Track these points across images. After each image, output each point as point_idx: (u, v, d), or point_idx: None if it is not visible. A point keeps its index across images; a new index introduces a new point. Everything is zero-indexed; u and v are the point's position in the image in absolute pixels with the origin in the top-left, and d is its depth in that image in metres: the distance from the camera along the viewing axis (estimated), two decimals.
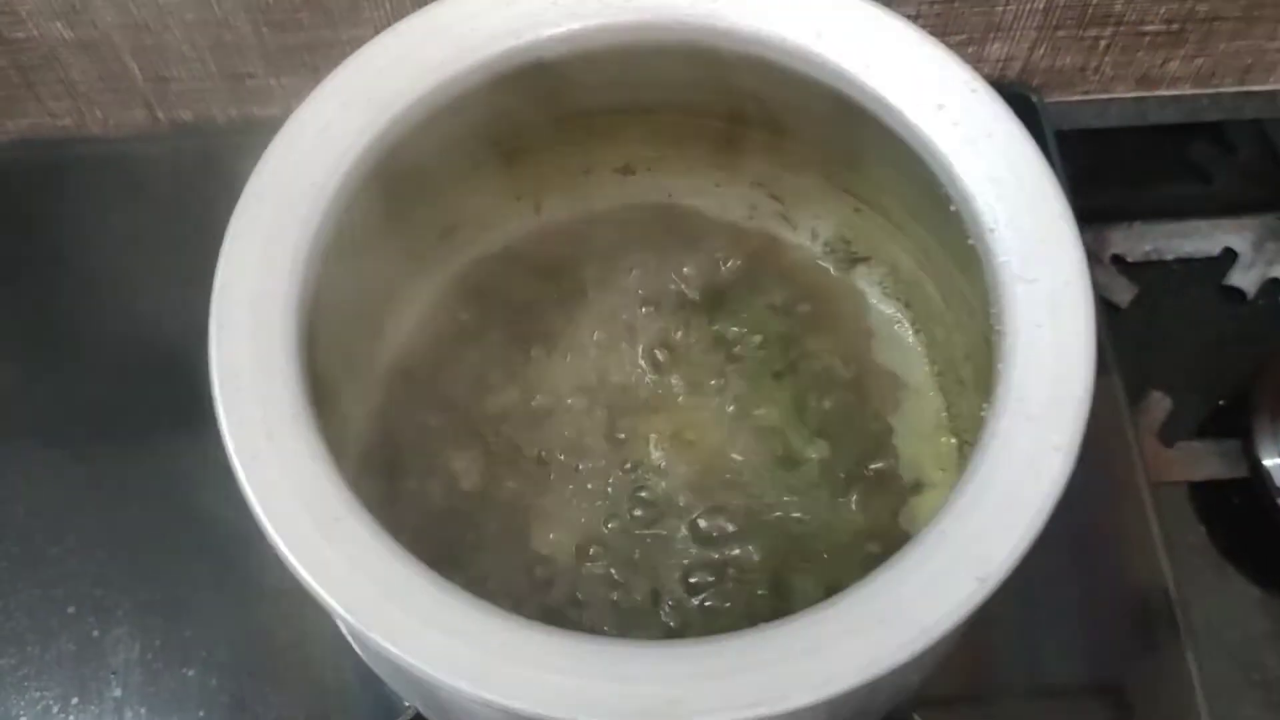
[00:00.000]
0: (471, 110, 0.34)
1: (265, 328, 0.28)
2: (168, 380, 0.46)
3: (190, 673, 0.43)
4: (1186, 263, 0.54)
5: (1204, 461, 0.47)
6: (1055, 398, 0.27)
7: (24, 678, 0.43)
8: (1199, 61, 0.52)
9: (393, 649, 0.24)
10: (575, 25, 0.33)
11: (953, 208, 0.31)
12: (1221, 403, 0.50)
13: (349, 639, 0.34)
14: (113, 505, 0.46)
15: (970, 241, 0.31)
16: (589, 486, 0.37)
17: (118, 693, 0.42)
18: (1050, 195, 0.30)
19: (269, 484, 0.27)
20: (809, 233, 0.41)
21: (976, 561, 0.25)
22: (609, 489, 0.37)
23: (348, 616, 0.25)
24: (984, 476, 0.27)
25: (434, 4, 0.33)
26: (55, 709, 0.42)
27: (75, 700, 0.42)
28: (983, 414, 0.28)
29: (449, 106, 0.33)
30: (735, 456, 0.37)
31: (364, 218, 0.33)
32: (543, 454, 0.38)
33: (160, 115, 0.53)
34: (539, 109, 0.37)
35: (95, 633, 0.43)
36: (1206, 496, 0.48)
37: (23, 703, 0.42)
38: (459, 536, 0.36)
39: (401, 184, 0.34)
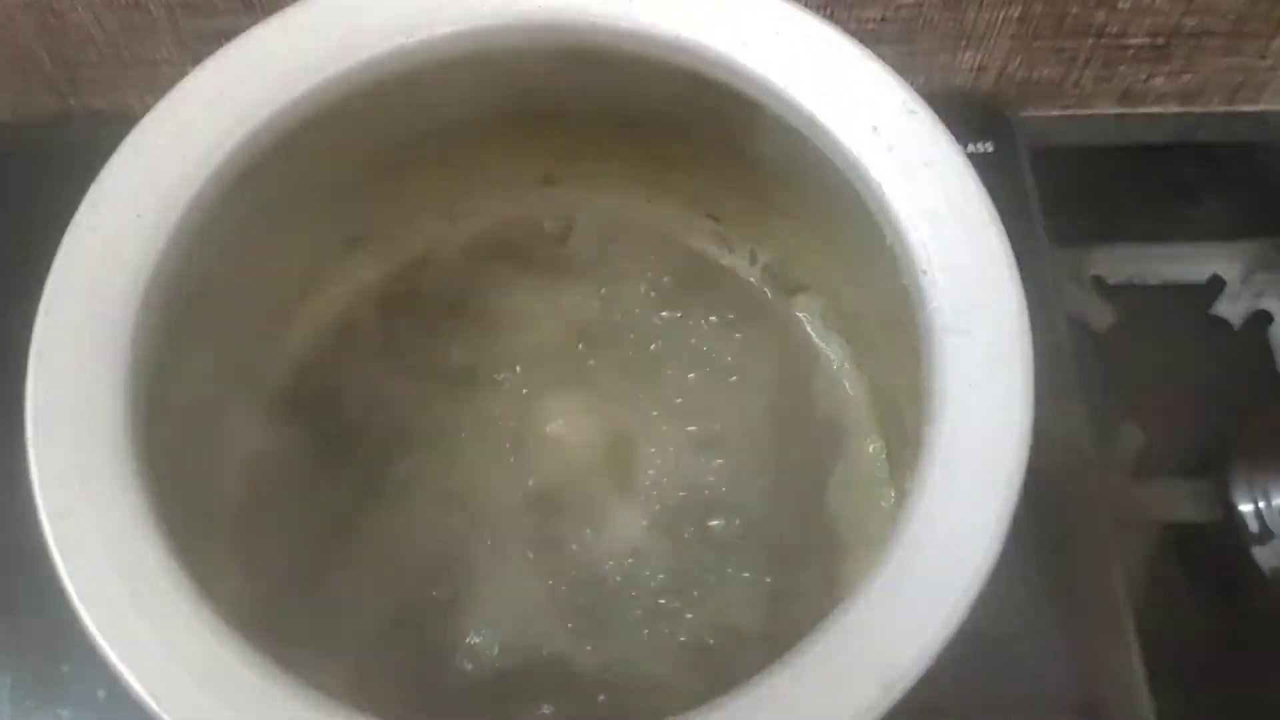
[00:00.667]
0: (360, 114, 0.31)
1: (92, 362, 0.25)
2: None
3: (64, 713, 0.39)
4: (1170, 288, 0.50)
5: (1176, 502, 0.44)
6: (984, 473, 0.24)
7: None
8: (1186, 78, 0.49)
9: None
10: (479, 23, 0.30)
11: (887, 240, 0.28)
12: (1199, 440, 0.46)
13: None
14: None
15: (904, 281, 0.27)
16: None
17: None
18: (991, 235, 0.26)
19: (81, 546, 0.23)
20: (747, 255, 0.38)
21: (881, 665, 0.22)
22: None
23: (153, 706, 0.22)
24: (900, 562, 0.23)
25: None
26: None
27: None
28: (906, 485, 0.25)
29: (332, 111, 0.30)
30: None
31: (243, 230, 0.29)
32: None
33: (72, 103, 0.49)
34: (443, 114, 0.33)
35: None
36: (1178, 536, 0.44)
37: None
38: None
39: (291, 193, 0.31)
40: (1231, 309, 0.49)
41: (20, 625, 0.40)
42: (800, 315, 0.37)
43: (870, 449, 0.35)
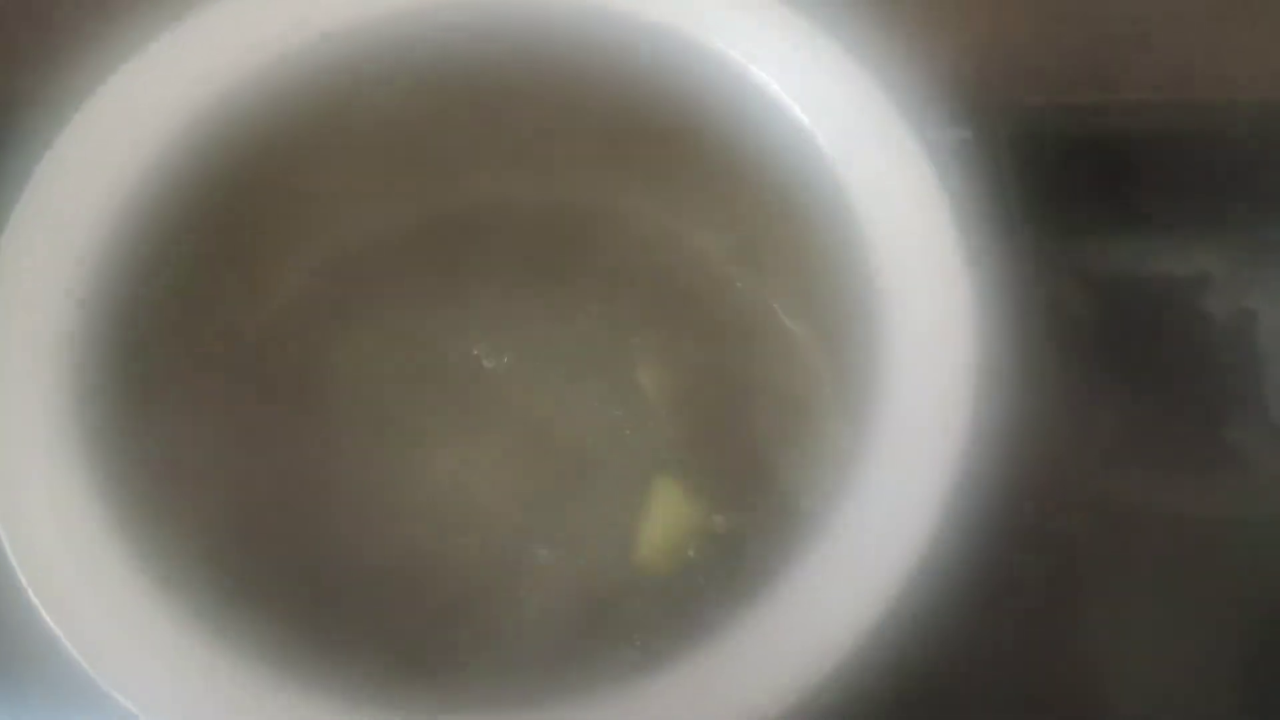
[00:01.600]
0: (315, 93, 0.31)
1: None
2: None
3: None
4: (1156, 282, 0.50)
5: (1153, 490, 0.45)
6: (926, 447, 0.24)
7: None
8: (1170, 67, 0.49)
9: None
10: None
11: (842, 219, 0.28)
12: (1184, 430, 0.47)
13: None
14: None
15: (852, 255, 0.27)
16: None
17: None
18: (940, 210, 0.26)
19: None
20: (711, 237, 0.38)
21: (815, 640, 0.22)
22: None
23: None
24: (835, 538, 0.23)
25: None
26: None
27: None
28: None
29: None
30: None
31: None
32: None
33: None
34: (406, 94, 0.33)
35: None
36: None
37: None
38: None
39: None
40: (1218, 305, 0.49)
41: None
42: (767, 298, 0.37)
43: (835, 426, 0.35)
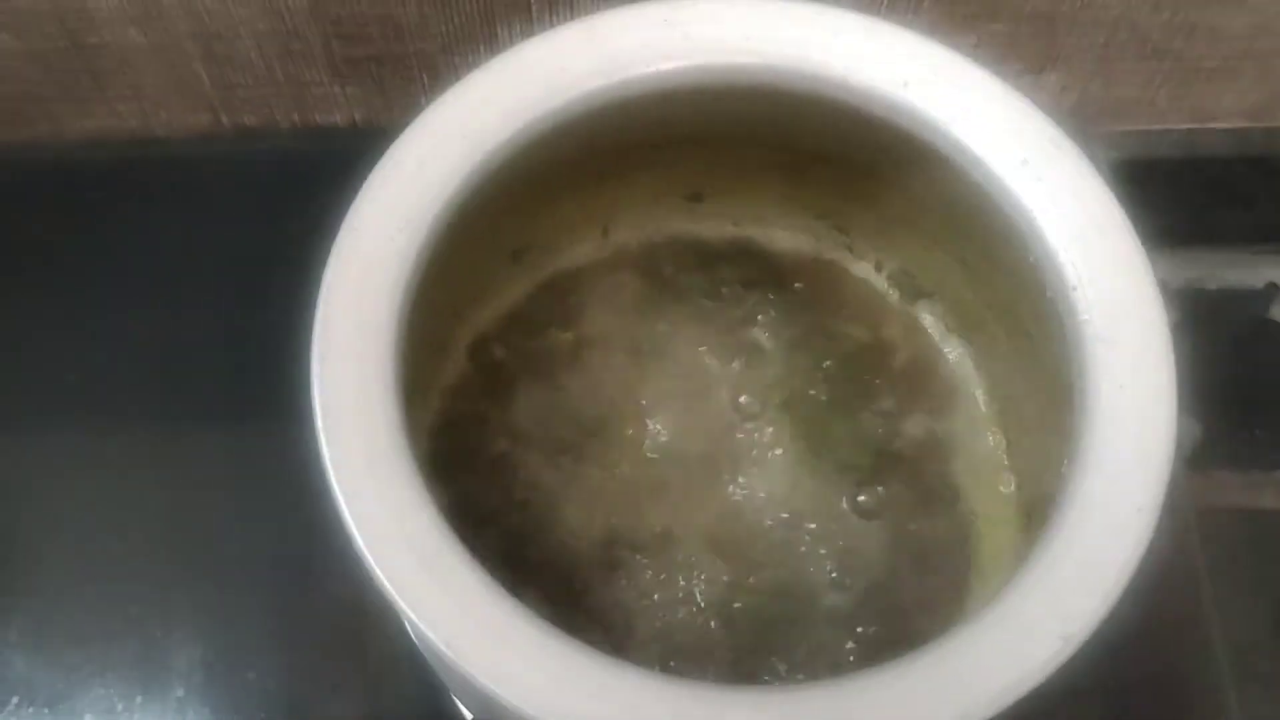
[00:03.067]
0: (555, 145, 0.35)
1: (366, 362, 0.29)
2: (232, 377, 0.47)
3: (251, 675, 0.44)
4: (1228, 293, 0.54)
5: (1231, 490, 0.49)
6: (1137, 459, 0.28)
7: (89, 674, 0.44)
8: (1254, 97, 0.53)
9: (497, 690, 0.25)
10: (665, 66, 0.34)
11: (1031, 259, 0.32)
12: (1257, 433, 0.51)
13: (426, 655, 0.35)
14: (177, 503, 0.46)
15: (1049, 295, 0.31)
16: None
17: (180, 693, 0.43)
18: (1133, 256, 0.30)
19: (372, 523, 0.27)
20: (874, 264, 0.42)
21: (1059, 619, 0.26)
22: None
23: (451, 654, 0.26)
24: (1066, 536, 0.27)
25: (523, 43, 0.34)
26: (120, 707, 0.43)
27: (139, 699, 0.43)
28: (1062, 470, 0.29)
29: (536, 142, 0.34)
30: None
31: (449, 247, 0.34)
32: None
33: (224, 119, 0.53)
34: (616, 140, 0.37)
35: (159, 633, 0.44)
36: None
37: (88, 699, 0.43)
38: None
39: (482, 215, 0.35)
40: None
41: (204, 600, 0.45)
42: (923, 319, 0.41)
43: (990, 440, 0.39)
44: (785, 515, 0.38)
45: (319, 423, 0.28)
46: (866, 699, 0.26)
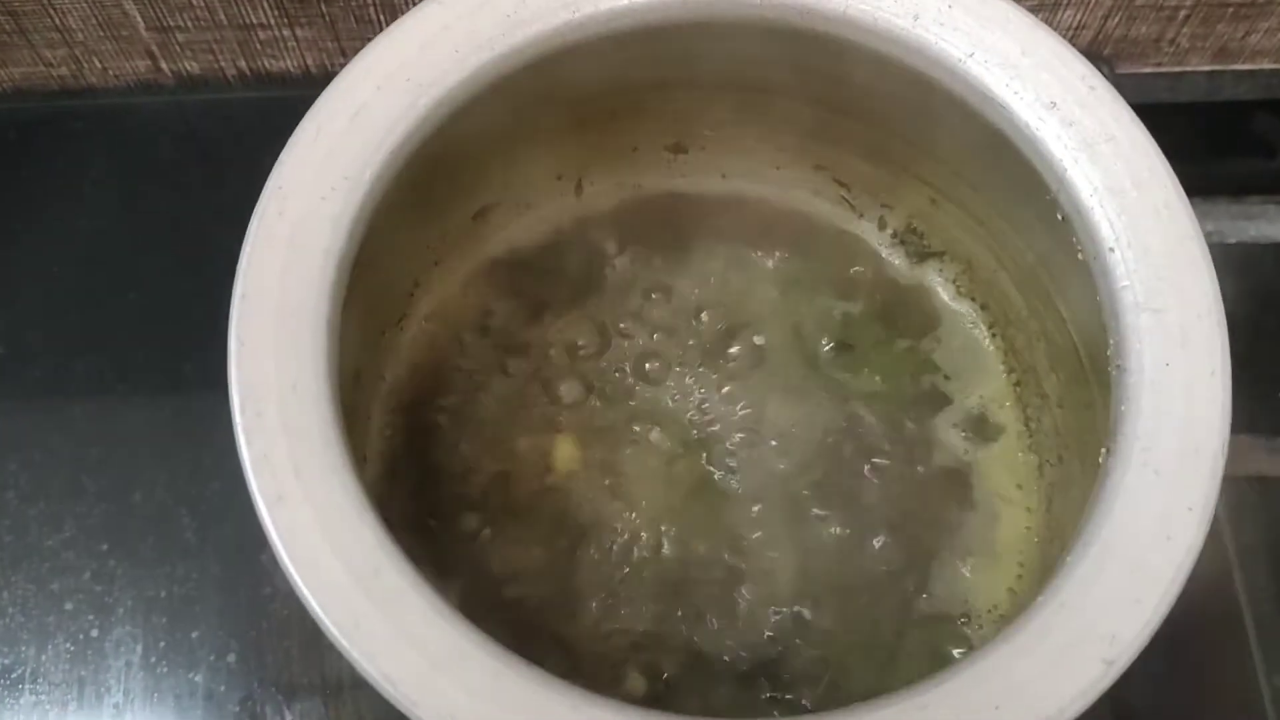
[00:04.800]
0: (519, 88, 0.30)
1: (292, 345, 0.25)
2: (176, 353, 0.43)
3: (197, 677, 0.40)
4: (1248, 246, 0.51)
5: (1251, 456, 0.45)
6: (1187, 450, 0.24)
7: (18, 679, 0.40)
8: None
9: None
10: None
11: (1060, 216, 0.28)
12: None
13: None
14: (115, 494, 0.43)
15: (1080, 256, 0.27)
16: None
17: (118, 698, 0.40)
18: (1179, 213, 0.26)
19: (299, 531, 0.23)
20: (876, 222, 0.38)
21: (1102, 640, 0.22)
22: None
23: (392, 691, 0.22)
24: (1107, 539, 0.23)
25: None
26: (51, 713, 0.39)
27: (72, 704, 0.40)
28: (1101, 461, 0.25)
29: (495, 86, 0.30)
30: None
31: (396, 207, 0.29)
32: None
33: (164, 66, 0.49)
34: (589, 84, 0.33)
35: (95, 632, 0.41)
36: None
37: (18, 705, 0.40)
38: None
39: (437, 168, 0.31)
40: None
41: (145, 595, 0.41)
42: (932, 282, 0.37)
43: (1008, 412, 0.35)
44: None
45: (236, 419, 0.24)
46: None
